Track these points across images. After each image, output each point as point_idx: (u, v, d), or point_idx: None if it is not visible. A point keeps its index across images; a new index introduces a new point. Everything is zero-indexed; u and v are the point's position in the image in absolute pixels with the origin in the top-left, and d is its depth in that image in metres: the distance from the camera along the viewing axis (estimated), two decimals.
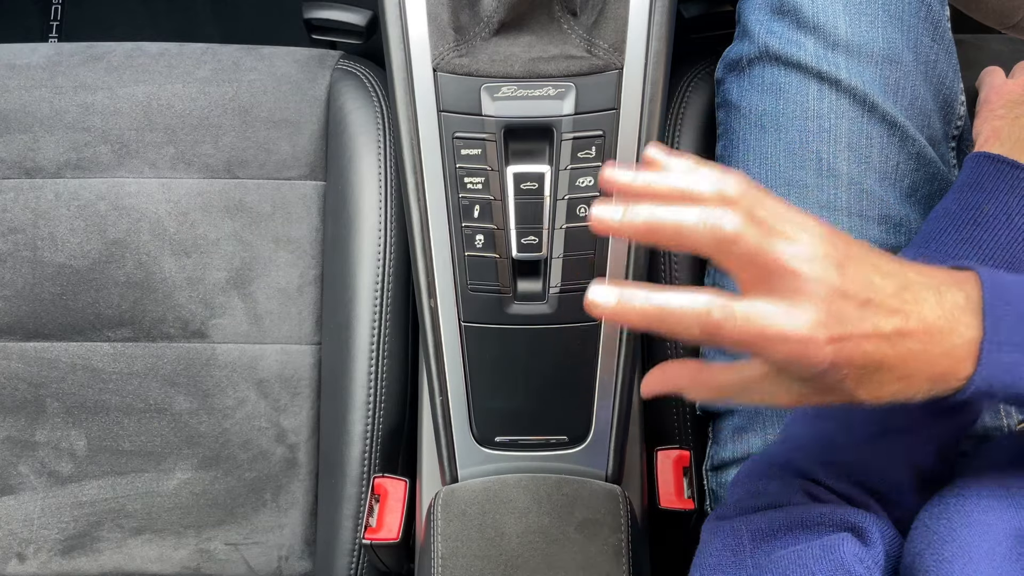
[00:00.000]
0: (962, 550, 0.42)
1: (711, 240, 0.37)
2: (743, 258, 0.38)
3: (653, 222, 0.38)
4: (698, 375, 0.45)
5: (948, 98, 0.65)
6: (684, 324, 0.37)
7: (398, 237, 0.73)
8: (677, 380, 0.45)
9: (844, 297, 0.38)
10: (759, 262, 0.38)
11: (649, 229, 0.38)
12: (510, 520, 0.59)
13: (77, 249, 0.76)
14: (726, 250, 0.37)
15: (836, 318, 0.38)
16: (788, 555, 0.45)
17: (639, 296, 0.38)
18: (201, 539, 0.75)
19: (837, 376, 0.39)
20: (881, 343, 0.38)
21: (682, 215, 0.37)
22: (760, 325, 0.37)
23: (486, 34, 0.56)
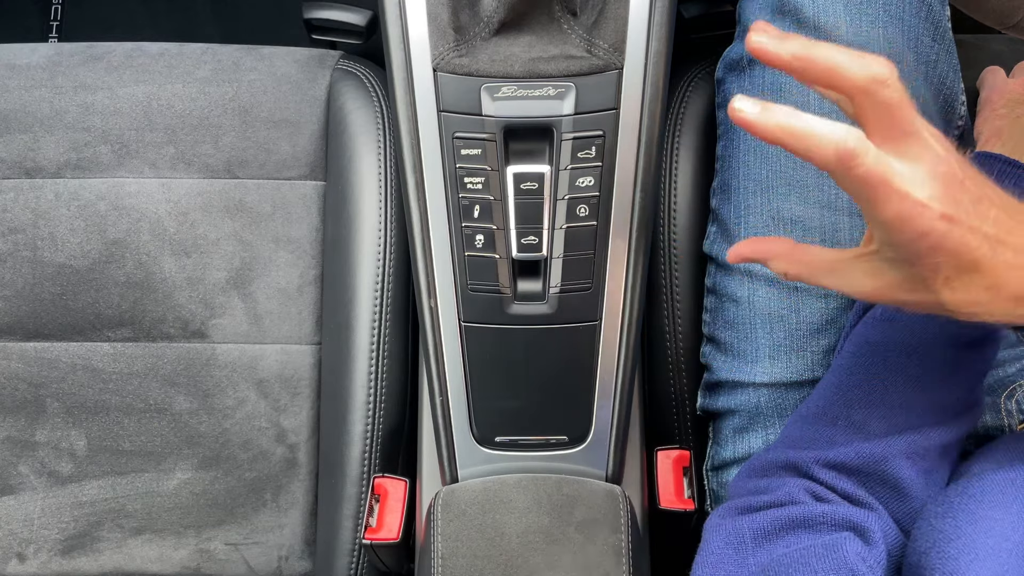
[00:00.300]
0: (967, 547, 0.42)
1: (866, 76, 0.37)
2: (886, 105, 0.38)
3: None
4: (792, 249, 0.45)
5: (949, 98, 0.65)
6: (822, 145, 0.37)
7: (398, 237, 0.73)
8: (774, 247, 0.46)
9: (962, 186, 0.39)
10: (898, 115, 0.38)
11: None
12: (510, 520, 0.59)
13: (77, 249, 0.76)
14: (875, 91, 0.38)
15: (952, 199, 0.38)
16: (791, 554, 0.45)
17: (783, 111, 0.38)
18: (201, 539, 0.75)
19: (934, 262, 0.39)
20: (984, 241, 0.39)
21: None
22: (888, 172, 0.38)
23: (486, 34, 0.56)
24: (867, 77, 0.37)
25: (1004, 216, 0.40)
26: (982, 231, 0.39)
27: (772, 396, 0.63)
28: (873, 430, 0.51)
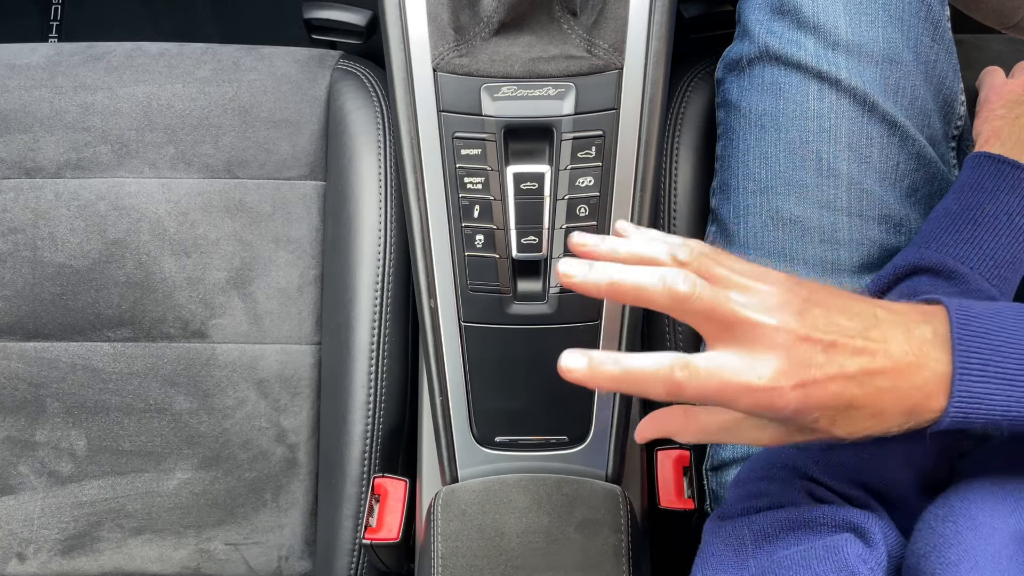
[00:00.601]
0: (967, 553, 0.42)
1: (668, 299, 0.39)
2: (700, 315, 0.40)
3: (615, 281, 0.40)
4: (685, 421, 0.47)
5: (948, 98, 0.65)
6: (650, 386, 0.39)
7: (398, 237, 0.73)
8: (668, 426, 0.48)
9: (806, 342, 0.39)
10: (715, 317, 0.40)
11: (611, 286, 0.40)
12: (510, 520, 0.59)
13: (77, 249, 0.76)
14: (682, 308, 0.39)
15: (799, 364, 0.39)
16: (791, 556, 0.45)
17: (608, 362, 0.40)
18: (201, 539, 0.75)
19: (808, 418, 0.40)
20: (848, 383, 0.40)
21: (641, 276, 0.40)
22: (722, 379, 0.39)
23: (486, 34, 0.56)
24: (668, 299, 0.39)
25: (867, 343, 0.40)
26: (844, 375, 0.39)
27: None
28: None
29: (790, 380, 0.39)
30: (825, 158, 0.62)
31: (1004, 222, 0.55)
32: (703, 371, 0.39)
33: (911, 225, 0.62)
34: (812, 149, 0.62)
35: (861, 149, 0.62)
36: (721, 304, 0.39)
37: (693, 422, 0.46)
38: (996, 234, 0.54)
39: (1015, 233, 0.54)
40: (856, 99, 0.61)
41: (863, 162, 0.62)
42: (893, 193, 0.62)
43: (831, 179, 0.62)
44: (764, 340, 0.39)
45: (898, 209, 0.62)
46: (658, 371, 0.39)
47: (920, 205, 0.63)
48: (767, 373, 0.39)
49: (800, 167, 0.62)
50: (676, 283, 0.39)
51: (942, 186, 0.64)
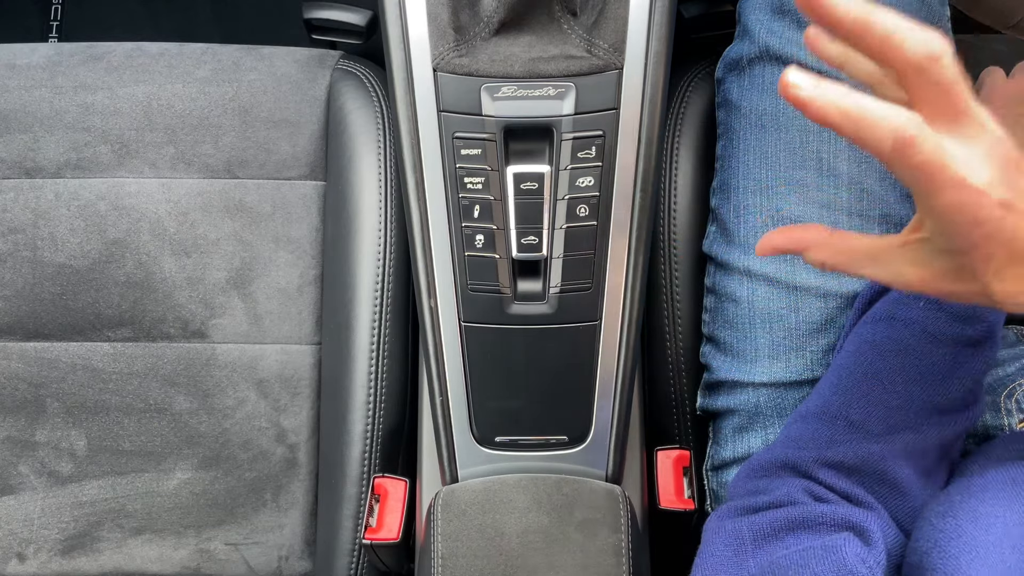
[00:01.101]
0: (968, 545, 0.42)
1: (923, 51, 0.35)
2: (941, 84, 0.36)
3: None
4: (830, 237, 0.43)
5: None
6: (878, 129, 0.35)
7: (398, 237, 0.73)
8: (806, 237, 0.44)
9: (1018, 169, 0.37)
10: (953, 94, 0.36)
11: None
12: (510, 520, 0.59)
13: (77, 249, 0.76)
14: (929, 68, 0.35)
15: (1009, 185, 0.37)
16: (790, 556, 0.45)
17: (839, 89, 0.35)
18: (201, 539, 0.75)
19: (987, 251, 0.38)
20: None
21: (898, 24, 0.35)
22: (945, 158, 0.36)
23: (486, 34, 0.56)
24: (924, 52, 0.35)
25: None
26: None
27: (772, 396, 0.63)
28: (872, 429, 0.52)
29: (998, 193, 0.36)
30: (825, 158, 0.62)
31: None
32: (932, 140, 0.35)
33: None
34: (812, 149, 0.62)
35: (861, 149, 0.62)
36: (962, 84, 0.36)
37: (839, 240, 0.43)
38: None
39: None
40: None
41: (863, 162, 0.62)
42: (893, 192, 0.62)
43: (831, 178, 0.62)
44: (985, 143, 0.37)
45: (898, 209, 0.62)
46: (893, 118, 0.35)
47: None
48: (983, 176, 0.36)
49: (800, 167, 0.62)
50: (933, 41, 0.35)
51: None
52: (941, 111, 0.36)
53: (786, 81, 0.35)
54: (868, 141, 0.35)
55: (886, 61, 0.36)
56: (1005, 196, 0.36)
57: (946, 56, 0.35)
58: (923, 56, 0.35)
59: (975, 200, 0.36)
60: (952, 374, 0.51)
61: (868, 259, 0.42)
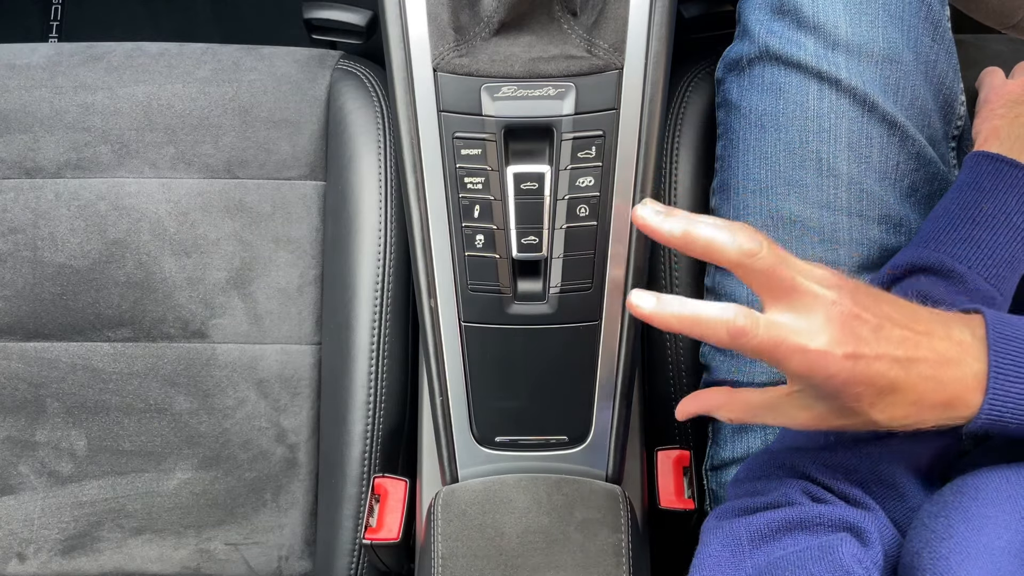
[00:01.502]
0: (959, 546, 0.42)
1: (736, 252, 0.41)
2: (763, 273, 0.41)
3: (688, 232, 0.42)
4: (730, 397, 0.49)
5: (948, 98, 0.65)
6: (713, 329, 0.41)
7: (398, 237, 0.73)
8: (711, 402, 0.49)
9: (858, 319, 0.41)
10: (775, 279, 0.41)
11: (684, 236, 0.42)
12: (510, 520, 0.59)
13: (77, 249, 0.76)
14: (748, 263, 0.41)
15: (851, 336, 0.41)
16: (787, 557, 0.45)
17: (675, 303, 0.42)
18: (201, 539, 0.75)
19: (853, 393, 0.42)
20: (893, 364, 0.41)
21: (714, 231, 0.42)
22: (780, 335, 0.41)
23: (486, 34, 0.56)
24: (738, 253, 0.41)
25: (910, 333, 0.42)
26: (890, 356, 0.41)
27: None
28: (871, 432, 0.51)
29: (842, 349, 0.41)
30: (825, 158, 0.62)
31: (1002, 221, 0.55)
32: (763, 323, 0.41)
33: (911, 225, 0.62)
34: (812, 149, 0.62)
35: (861, 149, 0.62)
36: (783, 268, 0.41)
37: (738, 399, 0.48)
38: (994, 233, 0.55)
39: (1013, 232, 0.55)
40: (856, 99, 0.61)
41: (863, 162, 0.62)
42: (893, 193, 0.62)
43: (831, 179, 0.62)
44: (819, 310, 0.41)
45: (898, 209, 0.62)
46: (723, 316, 0.41)
47: (920, 205, 0.63)
48: (822, 338, 0.41)
49: (800, 167, 0.62)
50: (745, 242, 0.41)
51: (942, 186, 0.64)
52: (773, 292, 0.42)
53: (630, 303, 0.42)
54: (710, 338, 0.42)
55: (715, 262, 0.43)
56: (848, 349, 0.41)
57: (761, 250, 0.41)
58: (739, 255, 0.41)
59: (820, 361, 0.41)
60: None
61: (766, 409, 0.47)
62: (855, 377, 0.41)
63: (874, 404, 0.42)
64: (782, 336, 0.41)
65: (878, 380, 0.41)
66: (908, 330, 0.42)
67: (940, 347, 0.42)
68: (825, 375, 0.41)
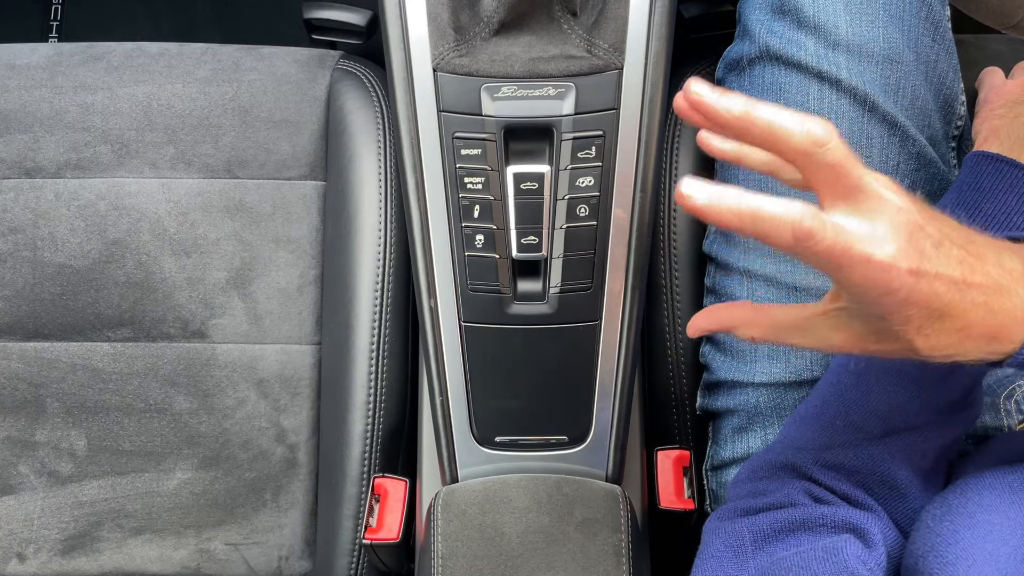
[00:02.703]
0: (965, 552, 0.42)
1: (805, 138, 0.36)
2: (830, 168, 0.37)
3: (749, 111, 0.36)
4: (755, 313, 0.45)
5: (948, 98, 0.65)
6: (776, 227, 0.36)
7: (398, 237, 0.73)
8: (732, 316, 0.45)
9: (922, 232, 0.38)
10: (844, 173, 0.37)
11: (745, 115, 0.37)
12: (510, 520, 0.59)
13: (77, 249, 0.76)
14: (815, 153, 0.37)
15: (916, 251, 0.38)
16: (791, 557, 0.45)
17: (731, 194, 0.36)
18: (201, 539, 0.75)
19: (904, 315, 0.39)
20: (950, 287, 0.38)
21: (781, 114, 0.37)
22: (847, 241, 0.37)
23: (486, 34, 0.56)
24: (807, 139, 0.37)
25: (967, 255, 0.40)
26: (948, 276, 0.38)
27: (771, 396, 0.63)
28: (872, 430, 0.52)
29: (907, 262, 0.37)
30: None
31: (1002, 221, 0.55)
32: (831, 227, 0.36)
33: None
34: None
35: (861, 149, 0.62)
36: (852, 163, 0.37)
37: (764, 315, 0.45)
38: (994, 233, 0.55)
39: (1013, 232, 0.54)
40: (856, 99, 0.61)
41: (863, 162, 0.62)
42: None
43: None
44: (886, 215, 0.38)
45: None
46: (788, 214, 0.36)
47: None
48: (888, 248, 0.37)
49: None
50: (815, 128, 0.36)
51: (942, 186, 0.64)
52: (837, 190, 0.37)
53: (680, 192, 0.36)
54: (770, 238, 0.36)
55: (774, 151, 0.37)
56: (912, 264, 0.37)
57: (831, 139, 0.36)
58: (807, 142, 0.36)
59: (884, 274, 0.37)
60: (951, 374, 0.51)
61: (794, 329, 0.43)
62: (913, 296, 0.38)
63: (921, 328, 0.39)
64: (849, 242, 0.36)
65: (933, 302, 0.38)
66: (965, 251, 0.39)
67: (993, 273, 0.39)
68: (885, 290, 0.38)
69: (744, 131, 0.37)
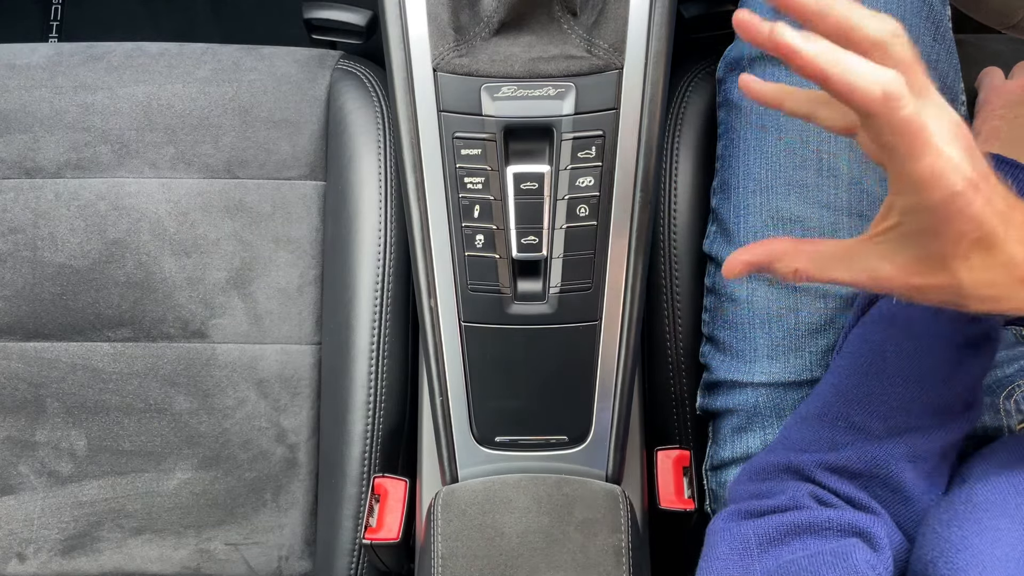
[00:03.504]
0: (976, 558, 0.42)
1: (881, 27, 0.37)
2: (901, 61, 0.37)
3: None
4: (797, 245, 0.44)
5: (949, 98, 0.64)
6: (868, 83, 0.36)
7: (398, 237, 0.73)
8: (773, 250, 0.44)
9: (975, 154, 0.38)
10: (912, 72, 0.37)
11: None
12: (510, 520, 0.59)
13: (77, 249, 0.76)
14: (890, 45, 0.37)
15: (973, 164, 0.38)
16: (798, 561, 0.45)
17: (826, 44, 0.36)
18: (201, 539, 0.75)
19: (957, 231, 0.38)
20: (996, 216, 0.38)
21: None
22: (925, 122, 0.36)
23: (486, 34, 0.56)
24: (884, 30, 0.37)
25: (1007, 194, 0.40)
26: (994, 205, 0.38)
27: (771, 396, 0.63)
28: (873, 432, 0.51)
29: (967, 172, 0.37)
30: (825, 158, 0.62)
31: None
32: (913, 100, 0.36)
33: None
34: (813, 149, 0.62)
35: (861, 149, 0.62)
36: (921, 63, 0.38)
37: (808, 246, 0.43)
38: None
39: None
40: None
41: (863, 162, 0.62)
42: None
43: (831, 179, 0.62)
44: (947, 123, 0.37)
45: None
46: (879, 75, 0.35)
47: None
48: (954, 150, 0.37)
49: (801, 167, 0.62)
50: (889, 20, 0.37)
51: None
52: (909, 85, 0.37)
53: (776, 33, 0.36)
54: (858, 92, 0.36)
55: (847, 41, 0.37)
56: (971, 174, 0.37)
57: (904, 35, 0.37)
58: (885, 33, 0.37)
59: (951, 169, 0.37)
60: (952, 375, 0.51)
61: (838, 261, 0.42)
62: (970, 208, 0.37)
63: (968, 256, 0.39)
64: (926, 124, 0.36)
65: (985, 224, 0.38)
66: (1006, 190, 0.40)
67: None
68: (949, 190, 0.37)
69: (821, 18, 0.37)
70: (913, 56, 0.37)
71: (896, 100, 0.35)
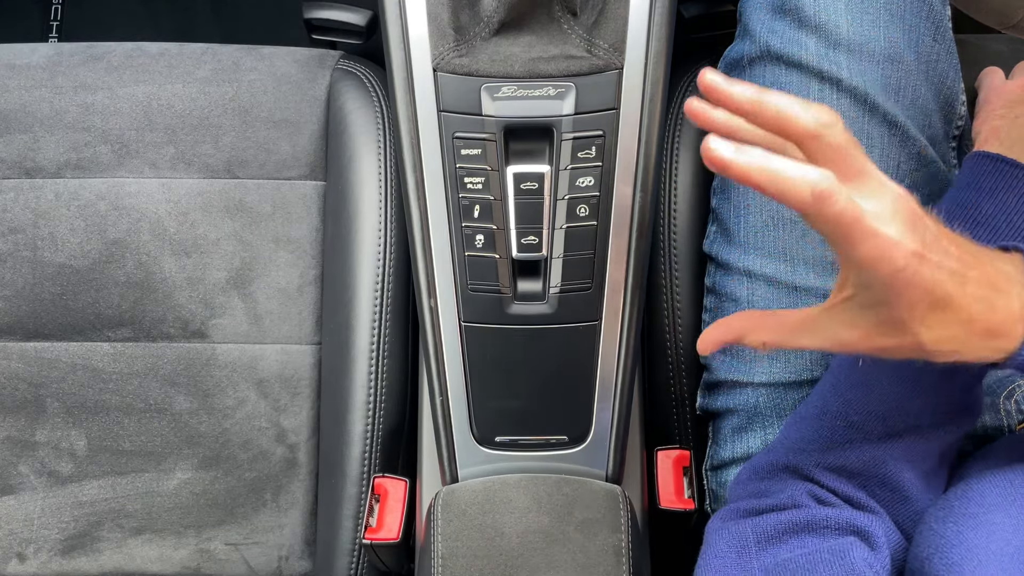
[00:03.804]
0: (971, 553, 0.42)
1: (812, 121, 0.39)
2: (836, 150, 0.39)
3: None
4: (762, 319, 0.46)
5: (949, 98, 0.65)
6: (796, 187, 0.37)
7: (398, 237, 0.73)
8: (737, 327, 0.46)
9: (921, 221, 0.40)
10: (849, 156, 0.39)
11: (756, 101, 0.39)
12: (510, 520, 0.59)
13: (77, 249, 0.76)
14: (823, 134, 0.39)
15: (917, 236, 0.39)
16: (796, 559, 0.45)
17: (757, 153, 0.38)
18: (201, 539, 0.75)
19: (909, 299, 0.40)
20: (951, 276, 0.40)
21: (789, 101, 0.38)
22: (859, 210, 0.38)
23: (486, 34, 0.56)
24: (814, 122, 0.38)
25: (962, 253, 0.41)
26: (947, 266, 0.40)
27: (771, 396, 0.63)
28: (872, 432, 0.51)
29: (911, 243, 0.39)
30: None
31: (1003, 221, 0.55)
32: (844, 193, 0.37)
33: None
34: None
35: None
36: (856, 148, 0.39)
37: (770, 319, 0.46)
38: (995, 234, 0.54)
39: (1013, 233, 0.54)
40: (857, 99, 0.61)
41: None
42: None
43: None
44: (888, 198, 0.39)
45: None
46: (808, 176, 0.37)
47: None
48: (893, 227, 0.38)
49: None
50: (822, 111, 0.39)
51: (942, 186, 0.64)
52: (842, 172, 0.39)
53: (707, 146, 0.38)
54: (789, 195, 0.38)
55: (783, 133, 0.39)
56: (916, 247, 0.39)
57: (837, 124, 0.39)
58: (817, 125, 0.38)
59: (891, 248, 0.38)
60: (951, 376, 0.51)
61: (803, 330, 0.44)
62: (918, 277, 0.39)
63: (925, 319, 0.40)
64: (860, 212, 0.38)
65: (936, 289, 0.39)
66: (960, 250, 0.41)
67: (988, 272, 0.41)
68: (892, 268, 0.39)
69: (755, 115, 0.39)
70: (848, 141, 0.39)
71: (826, 198, 0.37)
